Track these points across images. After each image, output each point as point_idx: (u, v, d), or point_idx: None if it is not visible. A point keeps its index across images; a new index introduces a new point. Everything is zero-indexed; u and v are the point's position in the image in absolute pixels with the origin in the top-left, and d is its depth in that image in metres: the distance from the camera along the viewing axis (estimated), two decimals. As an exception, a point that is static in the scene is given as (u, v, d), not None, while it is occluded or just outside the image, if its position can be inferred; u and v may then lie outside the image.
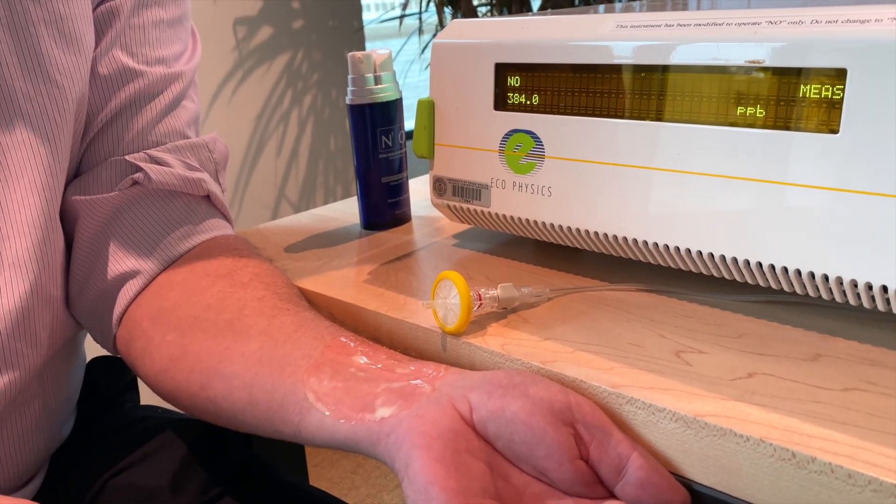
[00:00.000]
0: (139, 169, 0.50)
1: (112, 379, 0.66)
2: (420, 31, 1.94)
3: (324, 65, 1.86)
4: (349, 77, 0.61)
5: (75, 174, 0.52)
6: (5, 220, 0.45)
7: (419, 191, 0.73)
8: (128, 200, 0.51)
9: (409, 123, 0.70)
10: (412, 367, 0.40)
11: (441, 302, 0.44)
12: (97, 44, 0.50)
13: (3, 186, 0.45)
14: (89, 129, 0.51)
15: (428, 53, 1.96)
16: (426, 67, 2.03)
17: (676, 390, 0.36)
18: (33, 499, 0.53)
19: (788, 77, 0.38)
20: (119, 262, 0.51)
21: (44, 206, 0.47)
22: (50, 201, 0.47)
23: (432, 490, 0.32)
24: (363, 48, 1.96)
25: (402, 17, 1.91)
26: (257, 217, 1.78)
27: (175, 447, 0.57)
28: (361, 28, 1.93)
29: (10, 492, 0.51)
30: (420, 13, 1.87)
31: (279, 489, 0.58)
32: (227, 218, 0.56)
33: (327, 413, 0.39)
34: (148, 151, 0.51)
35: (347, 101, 0.62)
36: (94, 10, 0.50)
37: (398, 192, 0.64)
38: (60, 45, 0.47)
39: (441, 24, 1.85)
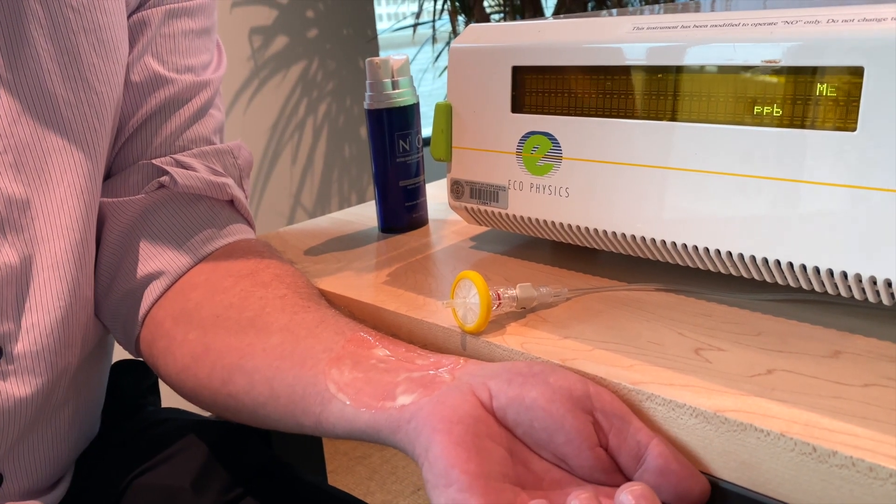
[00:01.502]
0: (166, 172, 0.52)
1: (134, 382, 0.67)
2: (433, 39, 1.95)
3: (338, 73, 1.87)
4: (367, 82, 0.62)
5: (105, 177, 0.53)
6: (45, 222, 0.46)
7: (436, 195, 0.73)
8: (154, 203, 0.52)
9: (424, 131, 0.71)
10: (432, 359, 0.41)
11: (460, 301, 0.44)
12: (129, 51, 0.51)
13: (43, 190, 0.46)
14: (121, 134, 0.52)
15: (441, 62, 1.97)
16: (440, 75, 2.05)
17: (696, 386, 0.36)
18: (63, 501, 0.54)
19: (805, 76, 0.38)
20: (144, 263, 0.52)
21: (82, 209, 0.48)
22: (88, 205, 0.49)
23: (453, 473, 0.33)
24: (377, 55, 1.97)
25: (415, 25, 1.92)
26: (273, 224, 1.80)
27: (197, 448, 0.58)
28: (375, 37, 1.94)
29: (41, 493, 0.52)
30: (433, 22, 1.88)
31: (299, 489, 0.58)
32: (249, 223, 0.57)
33: (348, 402, 0.39)
34: (174, 156, 0.53)
35: (365, 106, 0.63)
36: (128, 19, 0.51)
37: (415, 196, 0.65)
38: (99, 52, 0.48)
39: (455, 33, 1.86)
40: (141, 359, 0.55)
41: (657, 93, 0.44)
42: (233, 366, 0.45)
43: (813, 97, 0.38)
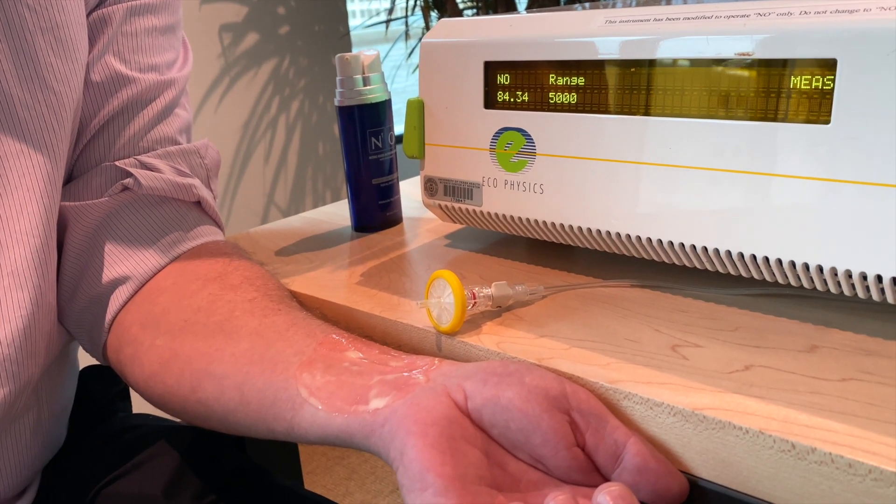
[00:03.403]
0: (129, 174, 0.50)
1: (104, 388, 0.65)
2: (406, 35, 1.94)
3: (310, 70, 1.85)
4: (337, 79, 0.61)
5: (66, 180, 0.51)
6: (3, 228, 0.45)
7: (410, 193, 0.72)
8: (118, 206, 0.51)
9: (397, 128, 0.70)
10: (406, 360, 0.40)
11: (435, 301, 0.43)
12: (89, 50, 0.50)
13: (0, 194, 0.45)
14: (82, 136, 0.50)
15: (414, 58, 1.96)
16: (413, 72, 2.03)
17: (674, 384, 0.36)
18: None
19: (779, 69, 0.38)
20: (109, 268, 0.50)
21: (42, 213, 0.46)
22: (48, 209, 0.47)
23: (428, 476, 0.32)
24: (349, 51, 1.95)
25: (388, 21, 1.91)
26: (246, 224, 1.77)
27: (168, 454, 0.56)
28: (347, 33, 1.93)
29: (4, 504, 0.50)
30: (406, 18, 1.87)
31: (274, 494, 0.57)
32: (218, 224, 0.56)
33: (320, 407, 0.38)
34: (139, 157, 0.51)
35: (336, 103, 0.62)
36: (87, 17, 0.50)
37: (389, 194, 0.64)
38: (57, 52, 0.46)
39: (427, 28, 1.85)
40: (109, 365, 0.54)
41: (630, 87, 0.43)
42: (201, 372, 0.44)
43: (786, 90, 0.38)
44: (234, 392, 0.43)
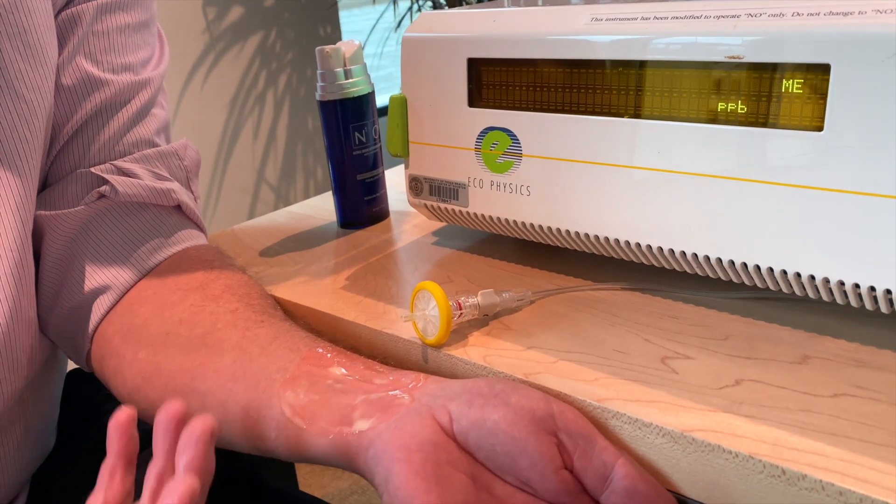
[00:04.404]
0: (105, 181, 0.49)
1: (92, 390, 0.64)
2: (394, 2, 1.90)
3: (297, 43, 1.82)
4: (318, 72, 0.59)
5: (41, 188, 0.50)
6: None
7: (397, 184, 0.71)
8: (95, 214, 0.49)
9: (382, 99, 0.68)
10: (391, 378, 0.39)
11: (420, 314, 0.42)
12: (59, 53, 0.48)
13: None
14: (55, 143, 0.49)
15: (405, 23, 1.92)
16: (403, 41, 1.99)
17: (663, 402, 0.35)
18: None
19: (770, 73, 0.37)
20: (89, 277, 0.49)
21: (18, 226, 0.45)
22: (24, 221, 0.46)
23: None
24: (337, 22, 1.92)
25: (375, -10, 1.87)
26: (238, 204, 1.76)
27: (158, 459, 0.56)
28: (335, 3, 1.88)
29: (-9, 515, 0.50)
30: (394, -15, 1.83)
31: (267, 496, 0.57)
32: (199, 227, 0.54)
33: (304, 427, 0.38)
34: (114, 163, 0.49)
35: (317, 97, 0.60)
36: (56, 17, 0.48)
37: (374, 189, 0.62)
38: (25, 58, 0.44)
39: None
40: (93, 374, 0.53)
41: (618, 88, 0.42)
42: (185, 388, 0.43)
43: (778, 95, 0.36)
44: (217, 409, 0.42)
